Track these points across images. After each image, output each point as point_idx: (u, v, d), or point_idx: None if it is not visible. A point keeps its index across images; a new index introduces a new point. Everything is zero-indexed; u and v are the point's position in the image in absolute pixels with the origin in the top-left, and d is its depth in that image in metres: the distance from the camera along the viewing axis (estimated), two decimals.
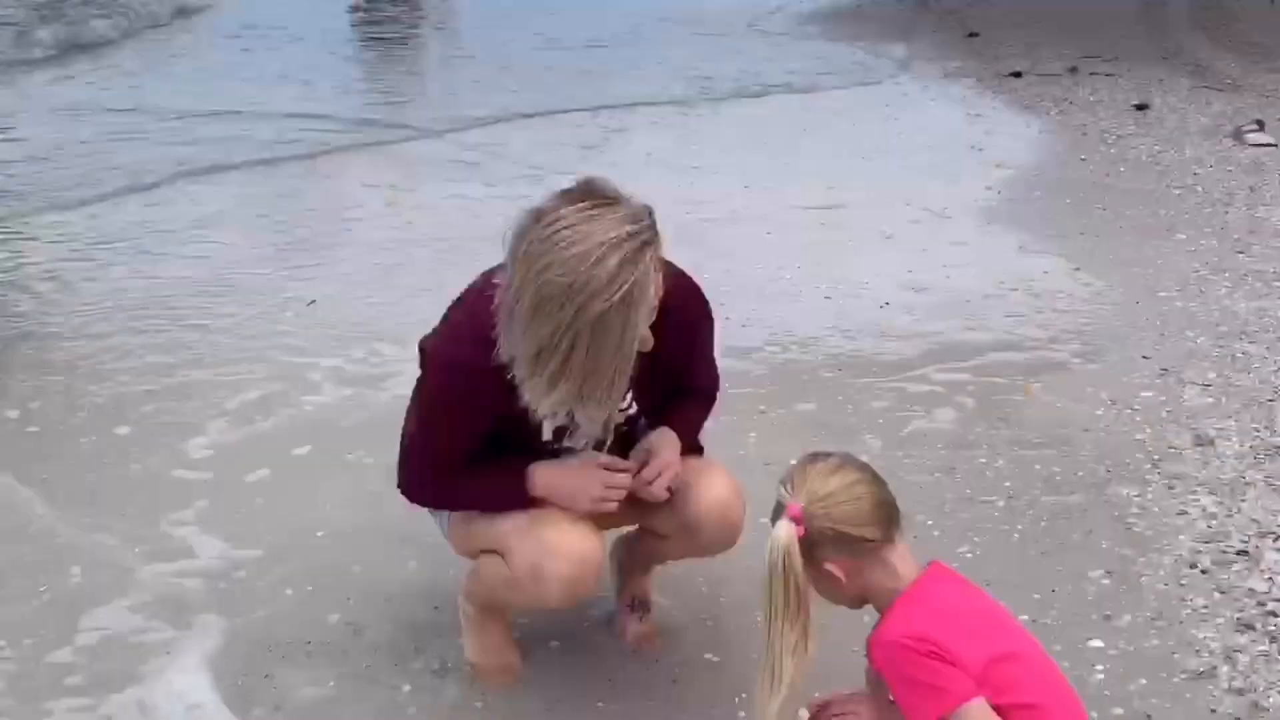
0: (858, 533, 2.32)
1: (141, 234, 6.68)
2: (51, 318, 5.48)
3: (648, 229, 2.44)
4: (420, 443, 2.84)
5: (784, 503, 2.34)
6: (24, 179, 7.75)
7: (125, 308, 5.58)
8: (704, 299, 2.86)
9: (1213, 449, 4.16)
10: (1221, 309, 5.40)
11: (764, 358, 4.99)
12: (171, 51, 12.49)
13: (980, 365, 4.90)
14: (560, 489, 2.77)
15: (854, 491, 2.35)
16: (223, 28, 13.70)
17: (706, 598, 3.38)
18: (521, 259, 2.42)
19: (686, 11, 14.26)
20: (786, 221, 6.85)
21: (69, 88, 10.69)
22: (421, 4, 15.88)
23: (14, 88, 10.56)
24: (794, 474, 2.38)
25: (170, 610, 3.37)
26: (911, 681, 2.24)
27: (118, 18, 13.19)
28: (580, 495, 2.76)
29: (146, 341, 5.21)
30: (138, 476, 4.11)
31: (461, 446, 2.77)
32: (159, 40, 13.07)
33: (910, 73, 10.94)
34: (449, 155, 8.35)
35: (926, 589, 2.35)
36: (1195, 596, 3.35)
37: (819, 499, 2.32)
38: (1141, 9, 13.17)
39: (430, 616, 3.30)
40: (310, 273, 6.08)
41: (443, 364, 2.73)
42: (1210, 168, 7.58)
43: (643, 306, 2.44)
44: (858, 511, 2.34)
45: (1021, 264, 6.07)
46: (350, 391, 4.75)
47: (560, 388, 2.46)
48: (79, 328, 5.34)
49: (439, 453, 2.80)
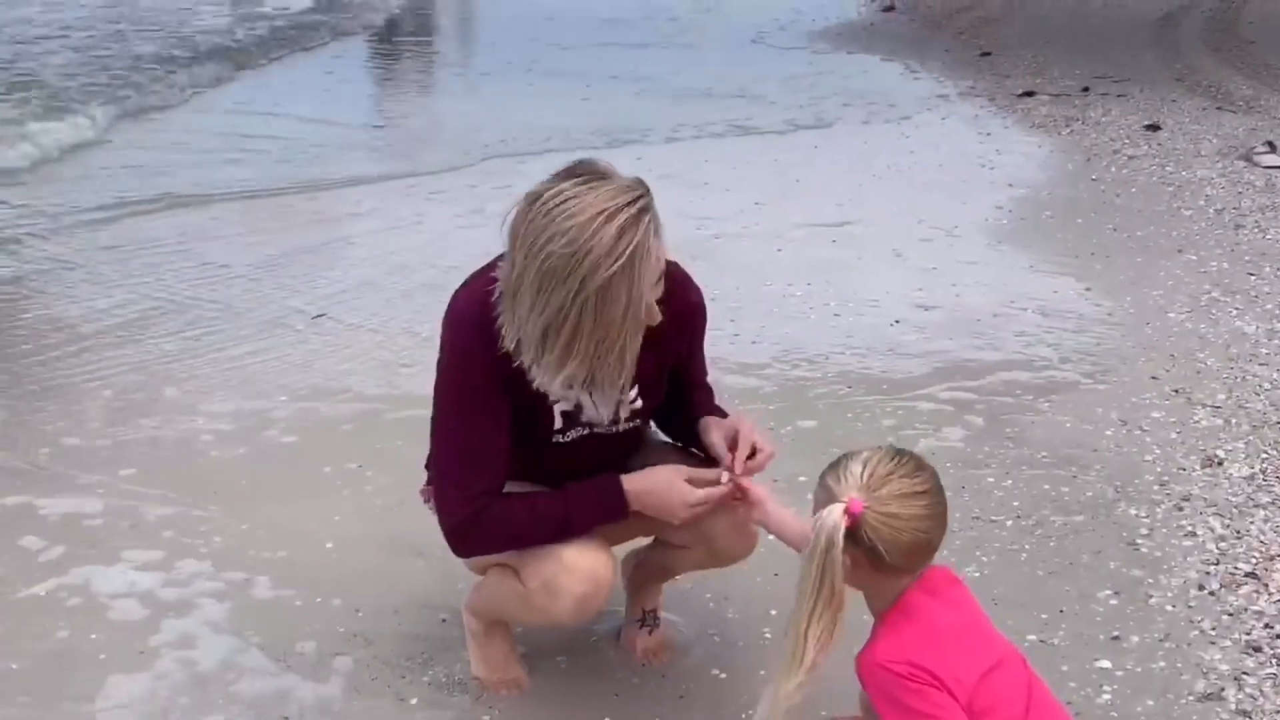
0: (892, 559, 2.27)
1: (162, 254, 6.71)
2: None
3: (643, 197, 2.46)
4: (452, 444, 2.71)
5: (846, 494, 2.25)
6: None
7: (139, 320, 5.61)
8: (697, 287, 2.86)
9: (1222, 470, 4.16)
10: (1232, 330, 5.40)
11: (773, 374, 5.00)
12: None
13: (989, 384, 4.90)
14: (648, 498, 2.71)
15: (919, 526, 2.27)
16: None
17: (714, 613, 3.38)
18: (521, 240, 2.43)
19: (695, 27, 14.30)
20: (796, 238, 6.86)
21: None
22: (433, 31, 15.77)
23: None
24: (875, 468, 2.28)
25: (178, 620, 3.38)
26: (905, 709, 2.23)
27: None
28: (676, 506, 2.70)
29: (163, 348, 5.23)
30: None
31: (492, 437, 2.67)
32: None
33: (922, 91, 10.94)
34: (467, 181, 8.27)
35: (917, 605, 2.31)
36: (1203, 618, 3.34)
37: (884, 514, 2.24)
38: (1153, 30, 13.19)
39: (439, 629, 3.30)
40: (318, 286, 6.11)
41: (457, 318, 2.68)
42: (1222, 189, 7.58)
43: (646, 271, 2.43)
44: (911, 544, 2.27)
45: (1032, 283, 6.07)
46: (360, 404, 4.76)
47: (571, 362, 2.46)
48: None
49: (473, 450, 2.67)
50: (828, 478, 2.32)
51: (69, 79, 11.09)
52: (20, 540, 3.78)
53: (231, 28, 14.16)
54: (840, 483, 2.28)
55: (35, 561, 3.68)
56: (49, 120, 9.40)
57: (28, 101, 10.11)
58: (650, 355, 2.68)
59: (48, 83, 10.91)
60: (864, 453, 2.32)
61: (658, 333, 2.61)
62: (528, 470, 2.80)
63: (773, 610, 3.37)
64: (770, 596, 3.41)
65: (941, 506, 2.33)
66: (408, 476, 3.21)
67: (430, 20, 16.19)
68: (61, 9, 14.87)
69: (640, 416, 2.87)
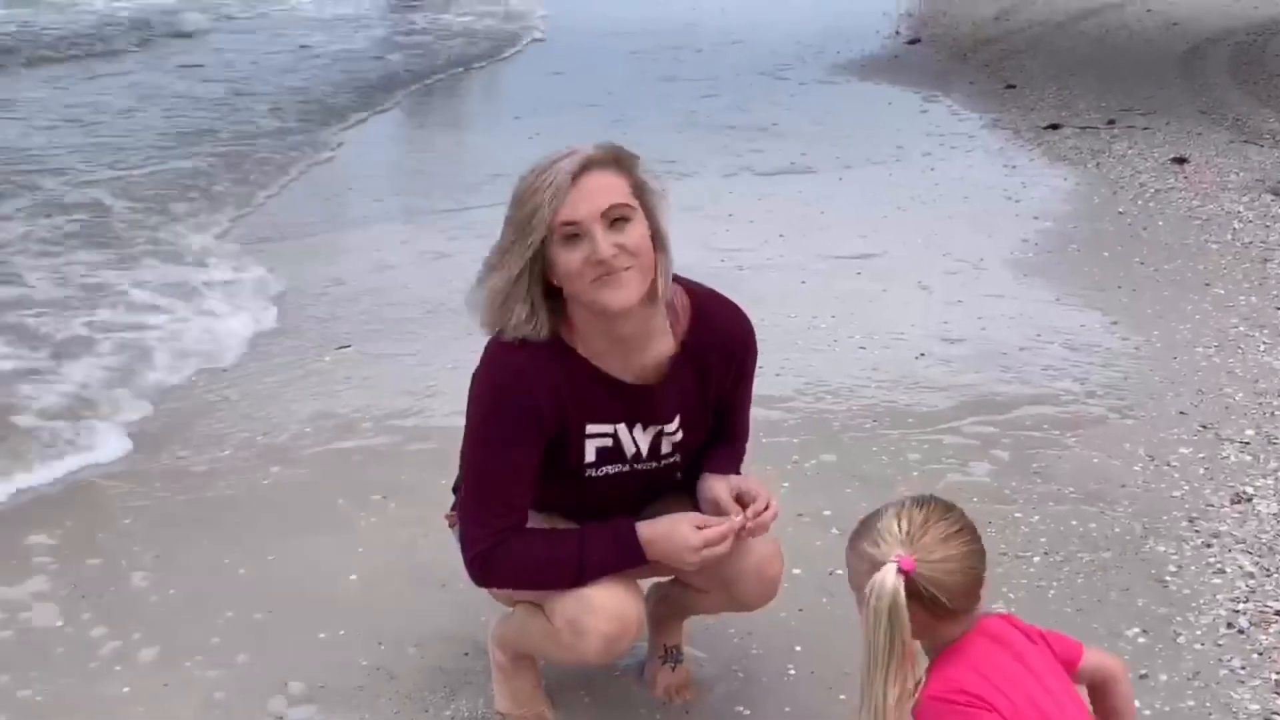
0: (952, 603, 2.24)
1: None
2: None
3: (603, 149, 2.61)
4: (479, 478, 2.72)
5: (891, 554, 2.21)
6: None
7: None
8: (749, 323, 2.88)
9: (1250, 507, 4.12)
10: (1260, 365, 5.36)
11: (797, 407, 4.99)
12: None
13: (1016, 418, 4.87)
14: (659, 544, 2.69)
15: (967, 563, 2.25)
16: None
17: (738, 649, 3.36)
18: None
19: (722, 57, 14.34)
20: (821, 270, 6.85)
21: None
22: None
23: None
24: (910, 520, 2.26)
25: (203, 651, 3.38)
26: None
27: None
28: (685, 552, 2.68)
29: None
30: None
31: (519, 475, 2.68)
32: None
33: (947, 124, 10.94)
34: (493, 216, 8.30)
35: (971, 643, 2.29)
36: (1233, 657, 3.31)
37: (933, 561, 2.21)
38: (1179, 62, 13.16)
39: (461, 663, 3.29)
40: (345, 319, 6.15)
41: (496, 353, 2.70)
42: (1249, 222, 7.54)
43: (561, 186, 2.54)
44: (965, 584, 2.25)
45: (1058, 317, 6.04)
46: (384, 437, 4.77)
47: (494, 275, 2.63)
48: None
49: (499, 486, 2.69)
50: (863, 544, 2.28)
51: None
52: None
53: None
54: (881, 545, 2.25)
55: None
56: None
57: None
58: (692, 377, 2.68)
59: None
60: (889, 510, 2.30)
61: (702, 355, 2.67)
62: (557, 501, 2.81)
63: (797, 647, 3.35)
64: (795, 633, 3.39)
65: (979, 539, 2.31)
66: (431, 508, 3.21)
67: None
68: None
69: (681, 451, 2.85)
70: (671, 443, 2.82)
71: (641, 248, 2.60)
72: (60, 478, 4.51)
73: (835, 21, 16.65)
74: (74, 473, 4.55)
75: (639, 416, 2.76)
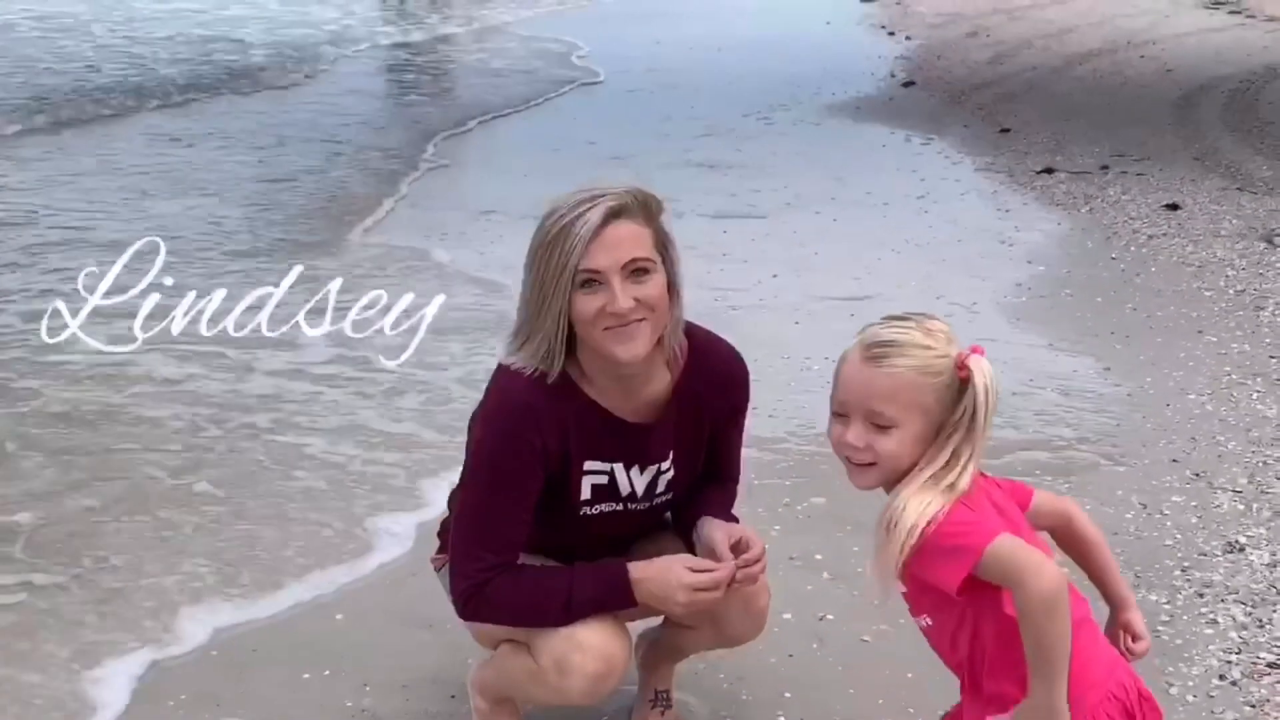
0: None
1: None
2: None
3: (620, 193, 2.57)
4: (474, 514, 2.71)
5: (953, 351, 2.48)
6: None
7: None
8: (745, 364, 2.92)
9: (1243, 556, 4.11)
10: (1253, 413, 5.35)
11: (789, 449, 4.97)
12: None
13: (1008, 464, 4.85)
14: (649, 585, 2.68)
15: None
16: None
17: (728, 694, 3.34)
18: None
19: (718, 97, 14.39)
20: (814, 311, 6.84)
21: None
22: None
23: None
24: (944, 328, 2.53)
25: (185, 692, 3.34)
26: (932, 567, 2.28)
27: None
28: (675, 592, 2.67)
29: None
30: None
31: (515, 514, 2.68)
32: None
33: (941, 167, 10.97)
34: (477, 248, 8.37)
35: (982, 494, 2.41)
36: (1225, 710, 3.28)
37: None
38: (1173, 109, 13.20)
39: (447, 706, 3.26)
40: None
41: (501, 392, 2.70)
42: (1242, 269, 7.55)
43: (585, 236, 2.52)
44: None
45: (1051, 362, 6.04)
46: (374, 469, 4.75)
47: (519, 318, 2.64)
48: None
49: (495, 524, 2.68)
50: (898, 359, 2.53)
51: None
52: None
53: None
54: (943, 343, 2.54)
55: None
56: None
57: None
58: (688, 415, 2.69)
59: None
60: (882, 327, 2.62)
61: (698, 393, 2.72)
62: (547, 540, 2.80)
63: (787, 693, 3.32)
64: (784, 678, 3.37)
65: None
66: (419, 548, 3.19)
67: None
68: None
69: (674, 489, 2.86)
70: (666, 480, 2.83)
71: (659, 302, 2.61)
72: None
73: (831, 63, 16.69)
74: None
75: (636, 458, 2.77)
